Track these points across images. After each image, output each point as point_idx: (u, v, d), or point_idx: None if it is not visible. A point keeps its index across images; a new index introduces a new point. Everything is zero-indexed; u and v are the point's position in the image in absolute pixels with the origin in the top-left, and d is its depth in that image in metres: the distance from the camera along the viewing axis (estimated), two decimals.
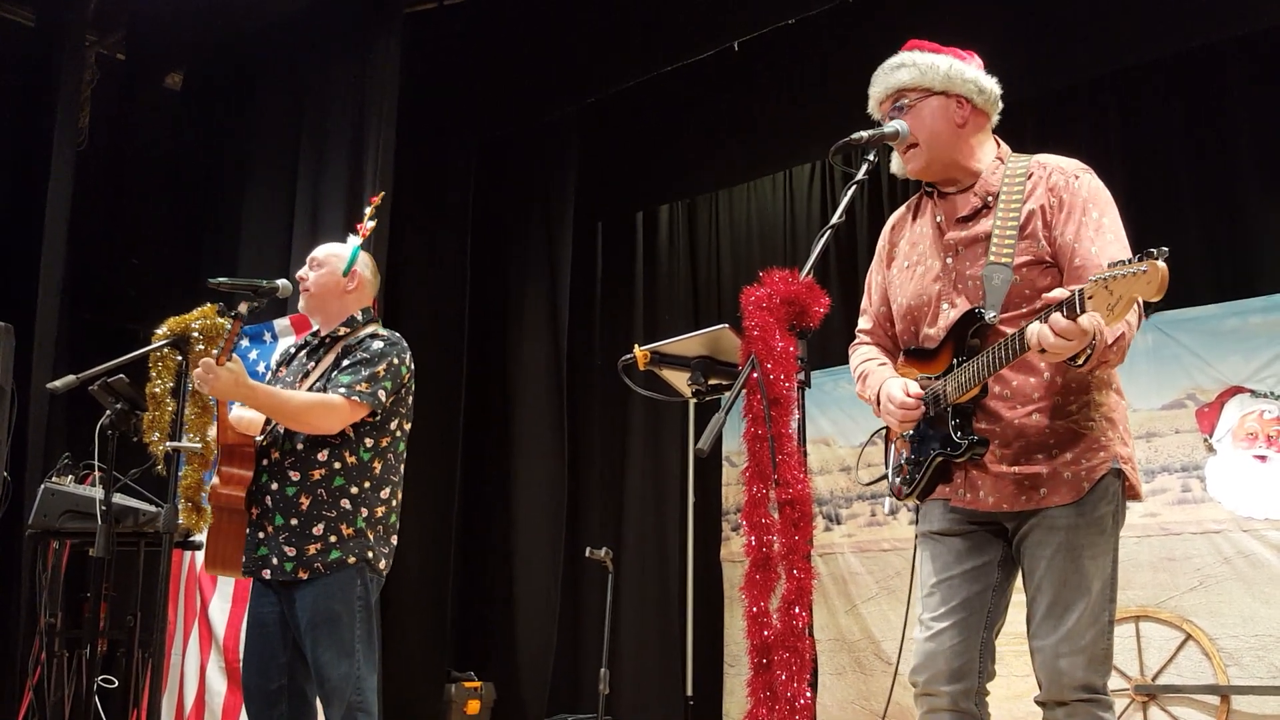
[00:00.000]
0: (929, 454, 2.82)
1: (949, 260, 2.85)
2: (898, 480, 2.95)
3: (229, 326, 3.64)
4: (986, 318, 2.68)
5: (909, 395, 2.79)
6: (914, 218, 3.02)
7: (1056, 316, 2.39)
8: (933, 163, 2.86)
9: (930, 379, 2.82)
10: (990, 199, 2.81)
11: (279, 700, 3.68)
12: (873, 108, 2.95)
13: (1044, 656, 2.65)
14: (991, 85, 2.91)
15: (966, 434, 2.72)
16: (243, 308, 3.63)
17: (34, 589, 5.45)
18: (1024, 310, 2.67)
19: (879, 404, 2.88)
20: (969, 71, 2.88)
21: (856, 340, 3.15)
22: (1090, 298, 2.30)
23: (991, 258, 2.72)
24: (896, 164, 2.92)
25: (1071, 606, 2.63)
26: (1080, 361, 2.48)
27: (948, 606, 2.78)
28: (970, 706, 2.74)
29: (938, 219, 2.90)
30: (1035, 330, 2.44)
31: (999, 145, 2.92)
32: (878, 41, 3.04)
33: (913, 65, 2.87)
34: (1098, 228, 2.68)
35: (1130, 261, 2.23)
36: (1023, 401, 2.71)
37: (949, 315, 2.81)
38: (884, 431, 3.04)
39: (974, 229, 2.82)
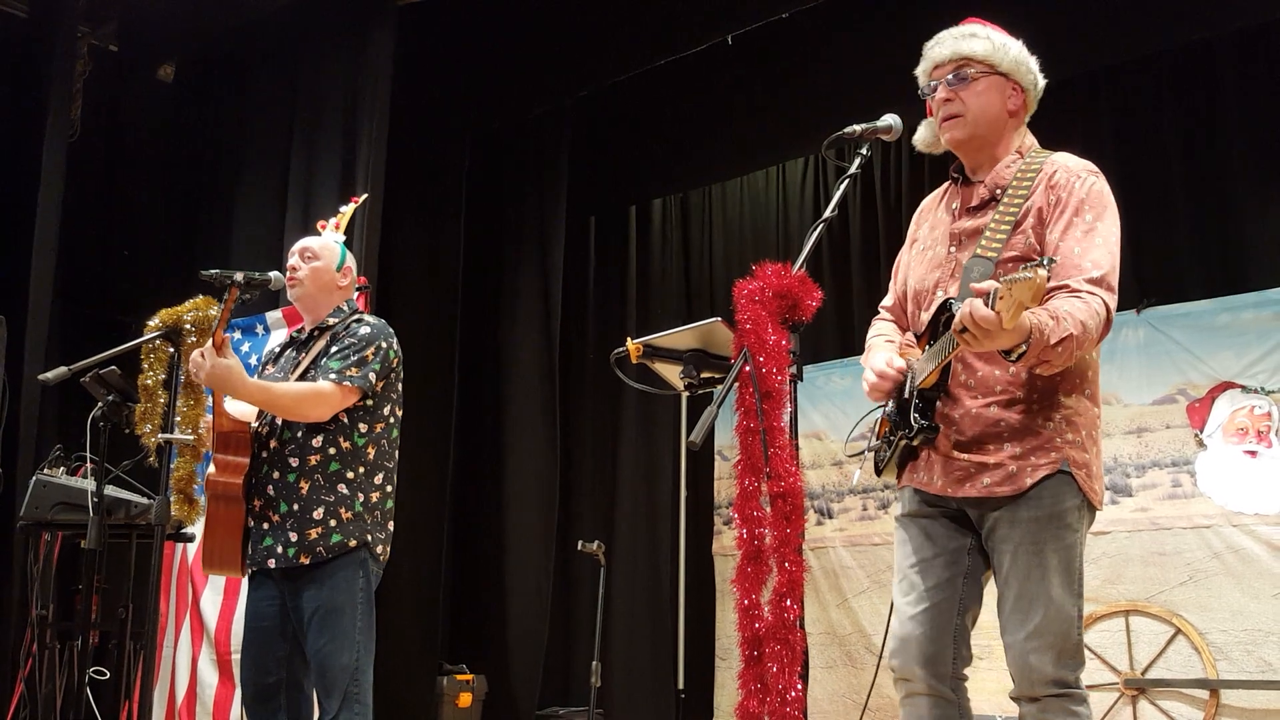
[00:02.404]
0: (895, 434, 2.86)
1: (952, 249, 2.87)
2: (876, 456, 3.00)
3: (225, 296, 3.62)
4: (954, 309, 2.67)
5: (889, 366, 2.83)
6: (941, 202, 3.03)
7: (977, 303, 2.39)
8: (973, 138, 2.86)
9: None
10: (999, 192, 2.81)
11: (276, 693, 3.68)
12: (923, 69, 2.92)
13: (1014, 653, 2.66)
14: (1043, 83, 2.93)
15: (922, 418, 2.76)
16: (239, 276, 3.63)
17: (25, 581, 5.44)
18: None
19: None
20: (1033, 62, 2.90)
21: (877, 315, 3.19)
22: (1000, 298, 2.31)
23: (979, 250, 2.74)
24: (921, 135, 2.91)
25: (1037, 601, 2.64)
26: (1014, 356, 2.48)
27: (918, 591, 2.81)
28: (946, 691, 2.76)
29: (954, 206, 2.92)
30: (958, 315, 2.45)
31: (1026, 138, 2.92)
32: (871, 36, 3.05)
33: (987, 39, 2.86)
34: (1088, 230, 2.68)
35: (1031, 266, 2.24)
36: (984, 392, 2.74)
37: (939, 302, 2.83)
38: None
39: (977, 221, 2.83)
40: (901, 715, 2.83)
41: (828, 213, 2.68)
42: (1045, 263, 2.24)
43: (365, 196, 4.80)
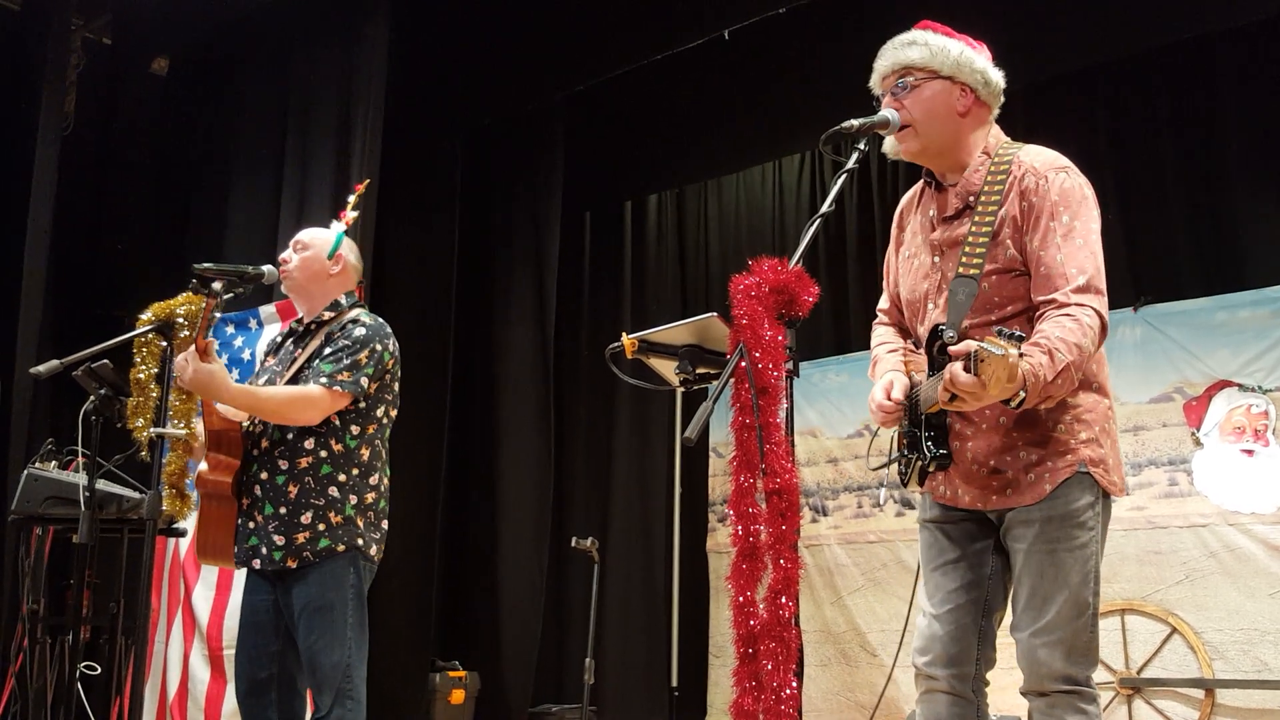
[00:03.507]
0: (908, 455, 2.85)
1: (935, 259, 2.84)
2: (897, 469, 2.98)
3: (204, 305, 3.59)
4: (945, 337, 2.63)
5: (889, 399, 2.82)
6: (918, 204, 2.99)
7: (957, 370, 2.38)
8: (927, 148, 2.83)
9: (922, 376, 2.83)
10: (972, 199, 2.77)
11: (269, 689, 3.66)
12: (875, 81, 2.90)
13: (1023, 647, 2.66)
14: (998, 78, 2.86)
15: (937, 446, 2.76)
16: (217, 285, 3.58)
17: (16, 575, 5.42)
18: (993, 317, 2.69)
19: None
20: (979, 61, 2.84)
21: (876, 320, 3.16)
22: (982, 361, 2.29)
23: (960, 269, 2.69)
24: (889, 144, 2.87)
25: (1050, 598, 2.63)
26: (1014, 404, 2.44)
27: (944, 593, 2.81)
28: (966, 691, 2.76)
29: (930, 213, 2.89)
30: (941, 386, 2.45)
31: (990, 135, 2.87)
32: (868, 31, 3.02)
33: (924, 44, 2.82)
34: (1066, 232, 2.64)
35: (1010, 339, 2.25)
36: (993, 406, 2.68)
37: (932, 317, 2.81)
38: None
39: (955, 231, 2.79)
40: (918, 711, 2.83)
41: (825, 208, 2.65)
42: (1017, 338, 2.26)
43: (368, 181, 4.75)
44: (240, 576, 3.83)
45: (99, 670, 5.58)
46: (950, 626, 2.77)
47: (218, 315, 3.66)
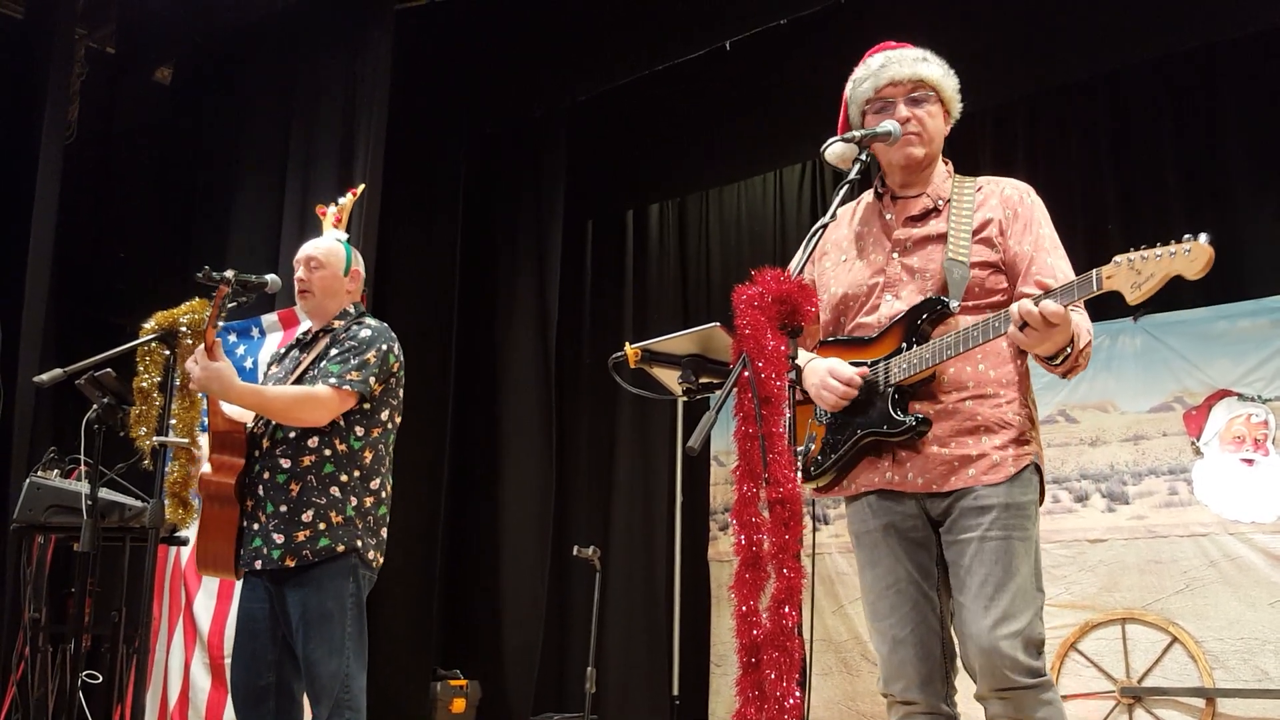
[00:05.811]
0: (853, 434, 2.83)
1: (895, 255, 2.90)
2: (812, 462, 2.94)
3: (215, 294, 3.60)
4: (951, 306, 2.75)
5: (853, 373, 2.82)
6: (852, 219, 3.07)
7: (1048, 302, 2.49)
8: (925, 158, 2.92)
9: (861, 364, 2.84)
10: (941, 203, 2.90)
11: (266, 698, 3.65)
12: (879, 85, 2.91)
13: (981, 643, 2.60)
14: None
15: (905, 414, 2.76)
16: (230, 273, 3.61)
17: (18, 583, 5.42)
18: (970, 306, 2.79)
19: (811, 383, 2.87)
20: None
21: None
22: (1109, 277, 2.41)
23: (950, 254, 2.80)
24: (838, 150, 2.87)
25: (1004, 586, 2.62)
26: (1058, 360, 2.58)
27: (899, 614, 2.78)
28: (943, 706, 2.75)
29: (886, 217, 2.96)
30: (1024, 306, 2.51)
31: (947, 161, 3.02)
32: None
33: (937, 63, 2.95)
34: (1053, 242, 2.84)
35: (1171, 243, 2.40)
36: (957, 389, 2.77)
37: (893, 305, 2.86)
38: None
39: (925, 228, 2.89)
40: None
41: (826, 218, 2.67)
42: (1204, 239, 2.39)
43: (363, 187, 4.79)
44: (240, 583, 3.82)
45: (100, 679, 5.58)
46: (915, 648, 2.75)
47: (229, 305, 3.67)
